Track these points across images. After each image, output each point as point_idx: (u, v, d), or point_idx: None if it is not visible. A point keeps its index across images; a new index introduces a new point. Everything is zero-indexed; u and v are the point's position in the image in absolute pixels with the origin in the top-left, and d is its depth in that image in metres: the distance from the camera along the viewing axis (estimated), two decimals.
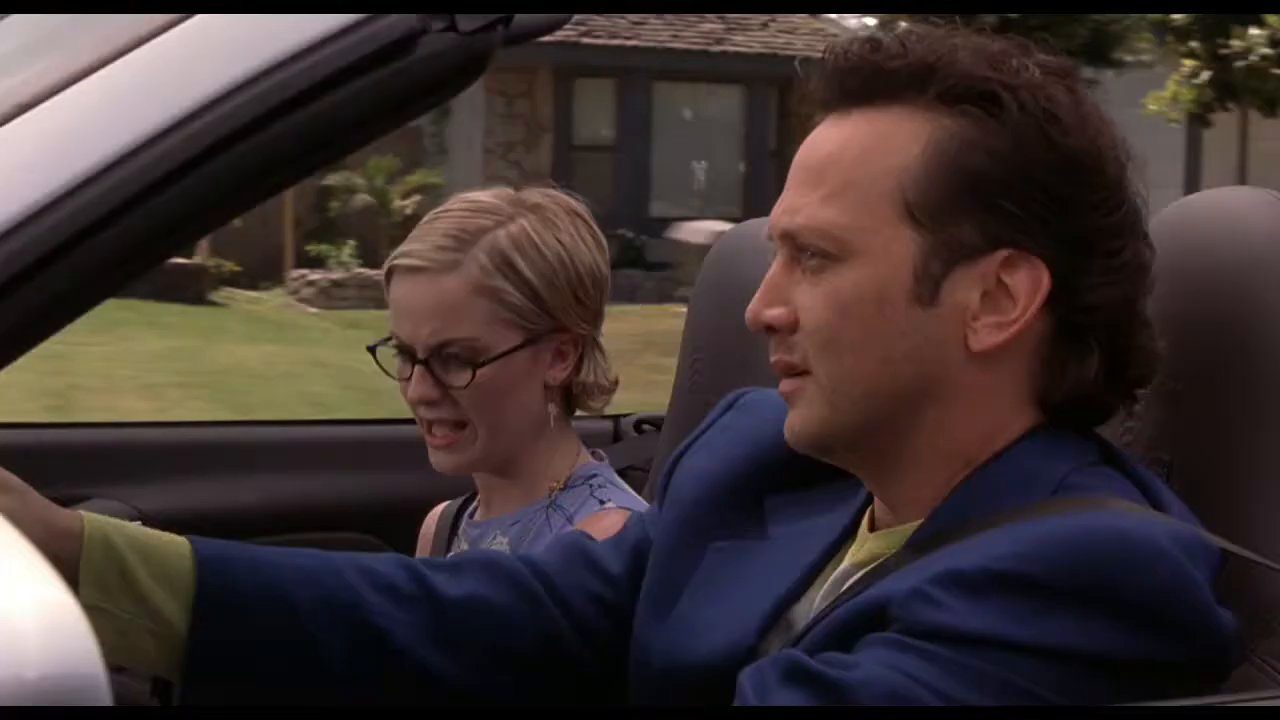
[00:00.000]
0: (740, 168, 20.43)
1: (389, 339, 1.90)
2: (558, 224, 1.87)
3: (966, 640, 1.12)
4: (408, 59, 1.16)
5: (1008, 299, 1.25)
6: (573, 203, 1.92)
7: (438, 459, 1.89)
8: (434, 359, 1.84)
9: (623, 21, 19.47)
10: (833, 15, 20.13)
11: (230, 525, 2.40)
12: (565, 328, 1.86)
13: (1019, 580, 1.13)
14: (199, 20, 1.14)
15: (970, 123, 1.25)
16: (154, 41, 1.14)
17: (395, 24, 1.16)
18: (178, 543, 1.38)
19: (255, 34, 1.14)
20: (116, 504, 2.35)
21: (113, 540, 1.33)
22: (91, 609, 1.19)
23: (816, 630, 1.24)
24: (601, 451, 2.00)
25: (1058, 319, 1.26)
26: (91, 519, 1.34)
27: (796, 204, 1.28)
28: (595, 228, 1.92)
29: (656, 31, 19.71)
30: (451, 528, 2.02)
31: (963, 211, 1.24)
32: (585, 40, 18.67)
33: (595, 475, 1.91)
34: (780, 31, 20.13)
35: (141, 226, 1.12)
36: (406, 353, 1.87)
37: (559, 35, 9.79)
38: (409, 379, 1.87)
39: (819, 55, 1.32)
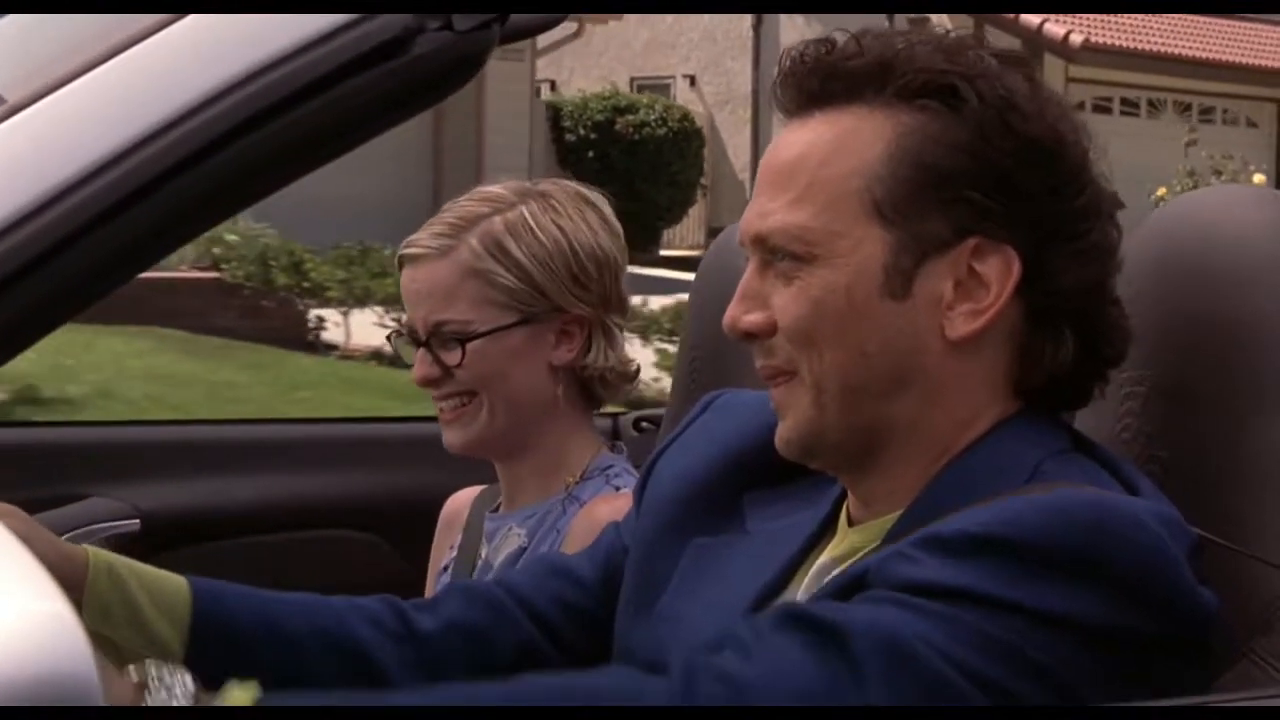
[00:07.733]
0: None
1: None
2: (560, 209, 1.91)
3: (943, 594, 1.12)
4: (403, 58, 1.16)
5: (981, 287, 1.26)
6: (584, 190, 1.95)
7: (448, 436, 1.93)
8: (433, 339, 1.90)
9: None
10: None
11: (229, 523, 2.41)
12: (564, 309, 1.89)
13: (998, 543, 1.13)
14: (193, 20, 1.14)
15: (931, 117, 1.26)
16: (149, 41, 1.14)
17: (390, 23, 1.16)
18: (174, 577, 1.41)
19: (250, 34, 1.14)
20: (116, 502, 2.35)
21: (116, 569, 1.36)
22: (94, 635, 1.20)
23: None
24: (621, 445, 2.02)
25: (1030, 304, 1.27)
26: (95, 550, 1.37)
27: (766, 208, 1.29)
28: (607, 214, 1.95)
29: None
30: (481, 522, 2.03)
31: (929, 205, 1.25)
32: None
33: (611, 466, 1.94)
34: None
35: (135, 225, 1.12)
36: (412, 336, 1.92)
37: None
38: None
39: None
